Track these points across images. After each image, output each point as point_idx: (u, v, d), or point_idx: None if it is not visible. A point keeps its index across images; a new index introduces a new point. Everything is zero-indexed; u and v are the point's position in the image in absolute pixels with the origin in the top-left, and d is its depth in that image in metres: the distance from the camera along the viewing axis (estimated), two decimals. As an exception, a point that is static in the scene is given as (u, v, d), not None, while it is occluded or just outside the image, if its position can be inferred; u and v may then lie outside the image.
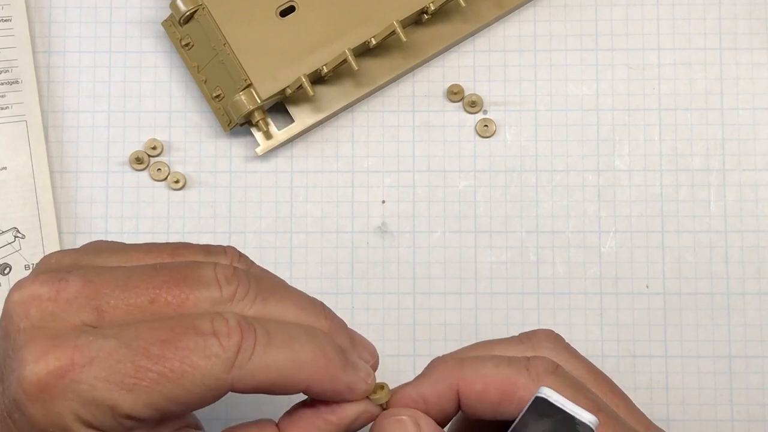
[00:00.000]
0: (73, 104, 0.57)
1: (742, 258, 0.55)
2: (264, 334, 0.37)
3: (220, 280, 0.38)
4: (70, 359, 0.35)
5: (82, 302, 0.37)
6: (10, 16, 0.57)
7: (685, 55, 0.57)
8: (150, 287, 0.37)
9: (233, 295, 0.38)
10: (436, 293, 0.55)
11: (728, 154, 0.56)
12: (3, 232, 0.55)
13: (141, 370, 0.35)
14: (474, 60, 0.57)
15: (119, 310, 0.37)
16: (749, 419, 0.54)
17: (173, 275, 0.38)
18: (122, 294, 0.37)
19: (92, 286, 0.37)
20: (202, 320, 0.37)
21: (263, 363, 0.37)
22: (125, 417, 0.36)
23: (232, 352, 0.36)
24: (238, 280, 0.38)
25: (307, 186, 0.56)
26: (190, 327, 0.36)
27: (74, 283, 0.37)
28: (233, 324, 0.37)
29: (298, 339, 0.38)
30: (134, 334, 0.36)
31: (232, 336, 0.36)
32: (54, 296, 0.37)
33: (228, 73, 0.54)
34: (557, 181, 0.56)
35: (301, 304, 0.40)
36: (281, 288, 0.40)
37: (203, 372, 0.36)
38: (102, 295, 0.37)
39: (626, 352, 0.54)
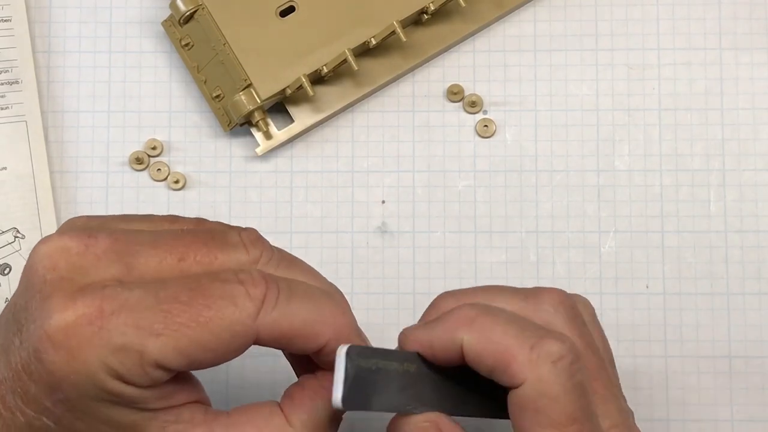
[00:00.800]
0: (73, 104, 0.57)
1: (742, 258, 0.55)
2: (287, 287, 0.38)
3: (246, 244, 0.39)
4: (99, 307, 0.35)
5: (112, 257, 0.37)
6: (10, 16, 0.57)
7: (685, 55, 0.57)
8: (179, 245, 0.38)
9: (258, 258, 0.39)
10: (436, 293, 0.55)
11: (728, 154, 0.56)
12: (3, 232, 0.55)
13: (170, 315, 0.36)
14: (474, 60, 0.57)
15: (149, 267, 0.37)
16: (749, 419, 0.54)
17: (201, 237, 0.39)
18: (152, 251, 0.38)
19: (121, 243, 0.37)
20: (227, 274, 0.37)
21: (287, 312, 0.37)
22: (153, 365, 0.36)
23: (258, 300, 0.37)
24: (263, 245, 0.39)
25: (307, 186, 0.56)
26: (216, 278, 0.37)
27: (103, 240, 0.37)
28: (258, 276, 0.37)
29: (319, 297, 0.39)
30: (162, 285, 0.36)
31: (258, 285, 0.37)
32: (83, 251, 0.37)
33: (228, 73, 0.54)
34: (557, 181, 0.56)
35: (322, 279, 0.41)
36: (302, 262, 0.41)
37: (231, 317, 0.36)
38: (132, 252, 0.37)
39: (626, 352, 0.54)
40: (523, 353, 0.38)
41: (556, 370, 0.38)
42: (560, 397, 0.38)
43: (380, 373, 0.39)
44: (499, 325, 0.39)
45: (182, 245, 0.38)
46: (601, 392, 0.40)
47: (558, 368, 0.38)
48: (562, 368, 0.38)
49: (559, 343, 0.38)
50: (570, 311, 0.41)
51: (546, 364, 0.38)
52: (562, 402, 0.38)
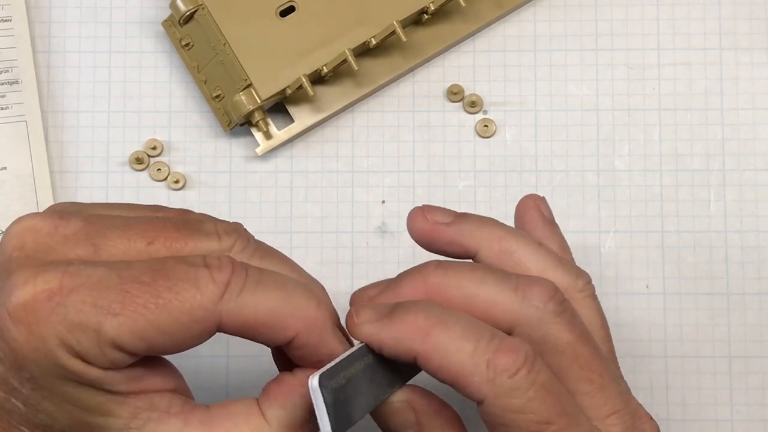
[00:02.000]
0: (73, 104, 0.57)
1: (742, 258, 0.55)
2: (256, 274, 0.37)
3: (220, 233, 0.38)
4: (59, 283, 0.35)
5: (80, 238, 0.37)
6: (10, 16, 0.57)
7: (685, 55, 0.57)
8: (150, 230, 0.37)
9: (231, 246, 0.38)
10: (436, 293, 0.55)
11: (728, 154, 0.56)
12: (2, 232, 0.55)
13: (129, 295, 0.35)
14: (474, 60, 0.57)
15: (116, 249, 0.37)
16: (749, 419, 0.54)
17: (175, 224, 0.38)
18: (121, 233, 0.37)
19: (92, 226, 0.37)
20: (195, 258, 0.36)
21: (253, 300, 0.36)
22: (111, 345, 0.35)
23: (222, 284, 0.36)
24: (239, 235, 0.39)
25: (307, 186, 0.56)
26: (182, 261, 0.36)
27: (75, 222, 0.37)
28: (226, 261, 0.36)
29: (292, 287, 0.38)
30: (126, 265, 0.36)
31: (224, 269, 0.36)
32: (52, 231, 0.37)
33: (228, 73, 0.54)
34: (557, 181, 0.56)
35: (301, 272, 0.40)
36: (281, 254, 0.40)
37: (191, 300, 0.35)
38: (101, 234, 0.37)
39: (626, 352, 0.54)
40: (479, 372, 0.37)
41: (514, 383, 0.37)
42: (525, 407, 0.37)
43: (350, 382, 0.38)
44: (453, 341, 0.37)
45: (153, 230, 0.37)
46: (597, 380, 0.39)
47: (516, 381, 0.37)
48: (521, 379, 0.37)
49: (514, 355, 0.37)
50: (559, 306, 0.40)
51: (503, 380, 0.37)
52: (528, 411, 0.37)
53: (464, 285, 0.40)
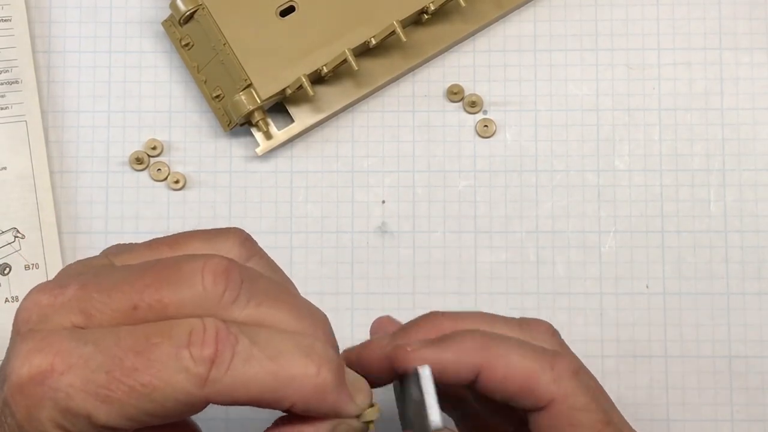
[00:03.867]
0: (73, 104, 0.57)
1: (742, 258, 0.55)
2: (246, 346, 0.35)
3: (205, 280, 0.36)
4: (50, 364, 0.35)
5: (73, 306, 0.36)
6: (10, 16, 0.57)
7: (685, 55, 0.57)
8: (133, 292, 0.36)
9: (220, 296, 0.36)
10: (436, 293, 0.55)
11: (728, 154, 0.56)
12: (3, 232, 0.55)
13: (113, 381, 0.34)
14: (474, 60, 0.57)
15: (104, 315, 0.36)
16: (749, 419, 0.54)
17: (157, 277, 0.36)
18: (107, 299, 0.36)
19: (84, 290, 0.36)
20: (179, 328, 0.35)
21: (242, 377, 0.34)
22: (102, 427, 0.35)
23: (204, 367, 0.34)
24: (227, 279, 0.36)
25: (307, 186, 0.56)
26: (166, 336, 0.35)
27: (71, 289, 0.36)
28: (210, 334, 0.34)
29: (288, 352, 0.35)
30: (113, 341, 0.35)
31: (206, 347, 0.34)
32: (52, 301, 0.36)
33: (228, 73, 0.54)
34: (557, 181, 0.56)
35: (300, 313, 0.37)
36: (278, 291, 0.38)
37: (174, 386, 0.34)
38: (90, 299, 0.36)
39: (626, 352, 0.54)
40: (545, 374, 0.39)
41: (578, 382, 0.40)
42: (589, 405, 0.40)
43: None
44: (514, 351, 0.40)
45: (136, 291, 0.36)
46: None
47: (579, 380, 0.40)
48: (581, 379, 0.40)
49: (570, 357, 0.41)
50: (559, 338, 0.43)
51: (569, 379, 0.40)
52: (592, 409, 0.40)
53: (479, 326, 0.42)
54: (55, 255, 0.55)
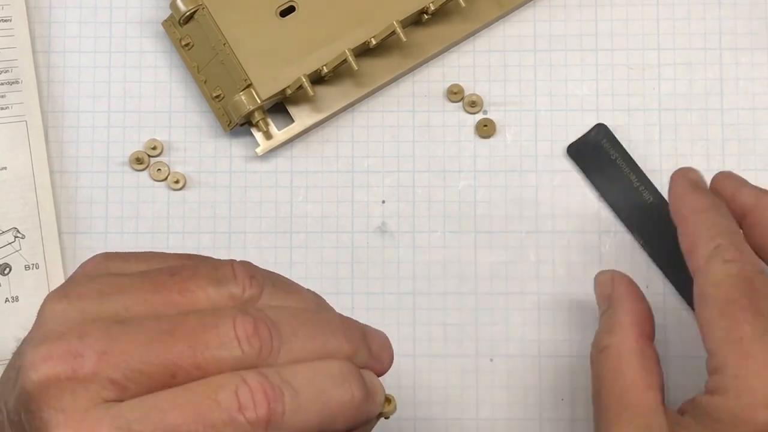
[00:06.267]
0: (73, 104, 0.57)
1: (742, 258, 0.55)
2: (292, 396, 0.35)
3: (242, 343, 0.36)
4: None
5: (102, 380, 0.35)
6: (10, 16, 0.57)
7: (685, 55, 0.57)
8: (169, 359, 0.35)
9: (257, 354, 0.36)
10: (436, 293, 0.55)
11: (728, 154, 0.56)
12: (3, 232, 0.55)
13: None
14: (474, 60, 0.57)
15: (141, 385, 0.35)
16: (749, 419, 0.54)
17: (192, 343, 0.35)
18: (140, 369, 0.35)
19: (108, 359, 0.35)
20: (225, 392, 0.35)
21: (294, 426, 0.35)
22: None
23: (261, 429, 0.34)
24: (260, 338, 0.36)
25: (307, 186, 0.56)
26: (214, 402, 0.34)
27: (89, 359, 0.35)
28: (259, 394, 0.35)
29: (326, 389, 0.36)
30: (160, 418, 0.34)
31: (259, 408, 0.35)
32: (71, 375, 0.35)
33: (228, 73, 0.54)
34: (557, 181, 0.56)
35: (322, 336, 0.38)
36: (300, 322, 0.38)
37: None
38: (120, 370, 0.35)
39: (626, 352, 0.54)
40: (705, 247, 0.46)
41: (724, 265, 0.44)
42: (722, 282, 0.44)
43: None
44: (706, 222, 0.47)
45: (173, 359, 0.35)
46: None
47: (726, 265, 0.44)
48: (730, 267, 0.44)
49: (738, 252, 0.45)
50: None
51: (717, 260, 0.45)
52: (723, 287, 0.44)
53: None
54: (55, 255, 0.55)
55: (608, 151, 0.55)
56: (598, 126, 0.56)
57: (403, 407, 0.54)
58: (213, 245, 0.55)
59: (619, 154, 0.55)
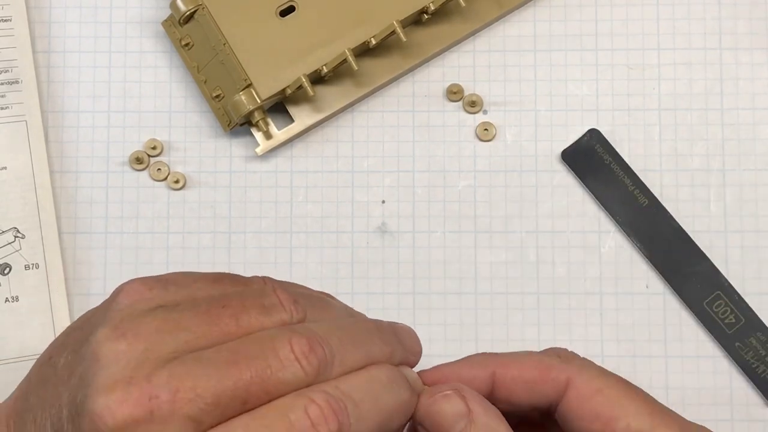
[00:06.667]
0: (73, 104, 0.57)
1: (742, 258, 0.55)
2: (354, 408, 0.37)
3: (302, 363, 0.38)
4: None
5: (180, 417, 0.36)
6: (10, 16, 0.57)
7: (685, 55, 0.57)
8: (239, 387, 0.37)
9: (317, 372, 0.38)
10: (436, 293, 0.55)
11: (728, 154, 0.56)
12: (3, 232, 0.55)
13: None
14: (474, 60, 0.57)
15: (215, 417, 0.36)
16: (749, 419, 0.54)
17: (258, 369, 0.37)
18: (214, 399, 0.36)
19: (182, 396, 0.36)
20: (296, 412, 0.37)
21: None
22: None
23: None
24: (317, 357, 0.38)
25: (307, 186, 0.56)
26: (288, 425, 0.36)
27: (165, 397, 0.36)
28: (327, 411, 0.37)
29: (381, 395, 0.39)
30: None
31: (331, 423, 0.36)
32: (149, 417, 0.36)
33: (228, 73, 0.54)
34: (557, 181, 0.56)
35: (363, 343, 0.40)
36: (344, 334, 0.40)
37: None
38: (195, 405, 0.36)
39: (626, 352, 0.54)
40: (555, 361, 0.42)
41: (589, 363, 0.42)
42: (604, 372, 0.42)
43: None
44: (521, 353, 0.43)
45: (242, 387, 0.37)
46: None
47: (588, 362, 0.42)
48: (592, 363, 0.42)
49: None
50: None
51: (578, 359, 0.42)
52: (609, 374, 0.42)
53: None
54: (55, 255, 0.55)
55: (602, 156, 0.55)
56: (590, 131, 0.56)
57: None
58: (213, 245, 0.55)
59: (613, 158, 0.55)
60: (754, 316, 0.54)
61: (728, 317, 0.54)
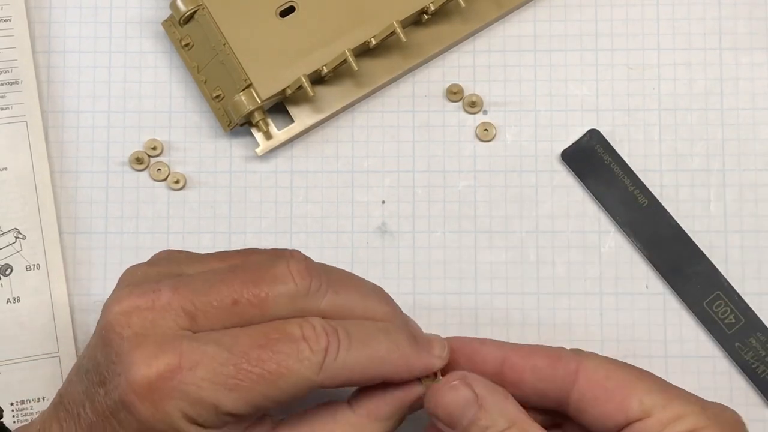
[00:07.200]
0: (73, 104, 0.57)
1: (742, 258, 0.55)
2: (345, 336, 0.41)
3: (294, 275, 0.42)
4: (177, 363, 0.39)
5: (175, 308, 0.41)
6: (10, 17, 0.57)
7: (685, 55, 0.57)
8: (231, 289, 0.41)
9: (308, 288, 0.42)
10: (436, 293, 0.55)
11: (728, 154, 0.56)
12: (4, 233, 0.55)
13: (242, 372, 0.39)
14: (474, 60, 0.57)
15: (208, 314, 0.41)
16: (749, 419, 0.54)
17: (250, 275, 0.42)
18: (207, 299, 0.41)
19: (181, 293, 0.41)
20: (291, 326, 0.41)
21: (347, 363, 0.41)
22: (227, 414, 0.40)
23: (321, 356, 0.40)
24: (311, 274, 0.42)
25: (307, 186, 0.56)
26: (282, 333, 0.40)
27: (165, 293, 0.41)
28: (320, 329, 0.41)
29: (374, 336, 0.42)
30: (233, 341, 0.40)
31: (320, 340, 0.40)
32: (151, 306, 0.41)
33: (228, 73, 0.54)
34: (557, 181, 0.56)
35: (365, 291, 0.44)
36: (346, 278, 0.44)
37: (297, 374, 0.40)
38: (191, 301, 0.41)
39: (626, 352, 0.54)
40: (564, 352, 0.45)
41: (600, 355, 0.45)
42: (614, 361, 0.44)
43: None
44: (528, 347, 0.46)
45: (234, 289, 0.41)
46: None
47: None
48: None
49: None
50: None
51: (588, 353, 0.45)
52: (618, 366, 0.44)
53: None
54: (56, 255, 0.55)
55: (602, 156, 0.55)
56: (590, 132, 0.56)
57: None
58: (213, 245, 0.56)
59: (613, 158, 0.55)
60: (754, 316, 0.54)
61: (728, 317, 0.54)
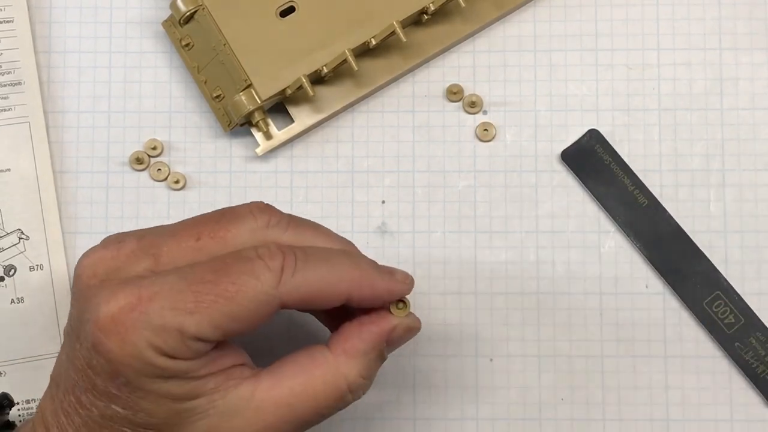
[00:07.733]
0: (73, 104, 0.57)
1: (742, 258, 0.55)
2: (302, 254, 0.42)
3: (254, 212, 0.44)
4: (137, 295, 0.40)
5: (139, 253, 0.42)
6: (12, 18, 0.57)
7: (685, 55, 0.57)
8: (194, 228, 0.43)
9: (267, 221, 0.43)
10: (436, 293, 0.55)
11: (728, 154, 0.56)
12: (8, 233, 0.55)
13: (200, 294, 0.40)
14: (474, 60, 0.57)
15: (172, 253, 0.42)
16: (749, 419, 0.54)
17: (212, 217, 0.44)
18: (172, 239, 0.43)
19: (145, 240, 0.43)
20: (247, 250, 0.42)
21: (306, 277, 0.42)
22: (193, 338, 0.40)
23: (277, 270, 0.41)
24: (270, 211, 0.44)
25: (307, 186, 0.56)
26: (237, 257, 0.41)
27: (130, 242, 0.43)
28: (275, 249, 0.42)
29: (333, 256, 0.43)
30: (190, 269, 0.41)
31: (275, 257, 0.42)
32: (115, 254, 0.43)
33: (228, 74, 0.55)
34: (557, 181, 0.56)
35: (332, 236, 0.46)
36: (312, 222, 0.45)
37: (255, 289, 0.41)
38: (155, 245, 0.43)
39: (626, 352, 0.54)
40: None
41: None
42: None
43: None
44: None
45: (196, 227, 0.43)
46: None
47: None
48: None
49: None
50: None
51: None
52: None
53: None
54: (59, 255, 0.55)
55: (602, 156, 0.55)
56: (590, 132, 0.56)
57: (403, 407, 0.54)
58: (213, 245, 0.56)
59: (613, 158, 0.55)
60: (753, 316, 0.54)
61: (728, 317, 0.54)
